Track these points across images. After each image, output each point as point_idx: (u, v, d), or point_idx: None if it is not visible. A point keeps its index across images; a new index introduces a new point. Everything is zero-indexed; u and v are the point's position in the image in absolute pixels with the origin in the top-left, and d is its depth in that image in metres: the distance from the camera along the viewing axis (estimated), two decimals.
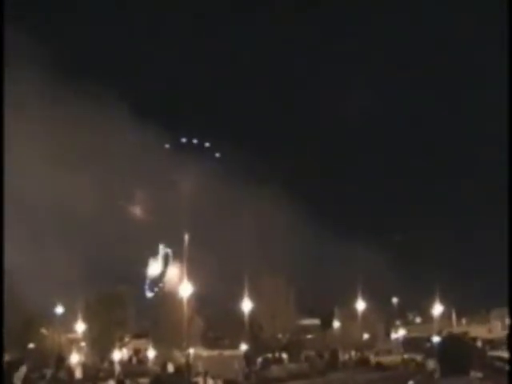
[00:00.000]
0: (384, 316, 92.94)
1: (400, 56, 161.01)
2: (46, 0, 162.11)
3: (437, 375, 6.97)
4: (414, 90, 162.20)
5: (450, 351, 6.04)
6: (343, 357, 79.65)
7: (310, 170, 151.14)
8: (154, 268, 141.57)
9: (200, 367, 58.82)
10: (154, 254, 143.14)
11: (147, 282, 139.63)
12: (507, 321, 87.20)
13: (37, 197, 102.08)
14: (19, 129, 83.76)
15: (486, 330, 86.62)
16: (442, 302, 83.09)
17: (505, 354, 44.01)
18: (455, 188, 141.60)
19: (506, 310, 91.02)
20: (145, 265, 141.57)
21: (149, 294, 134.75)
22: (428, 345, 72.12)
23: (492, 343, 64.41)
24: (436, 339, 70.18)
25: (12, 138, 48.96)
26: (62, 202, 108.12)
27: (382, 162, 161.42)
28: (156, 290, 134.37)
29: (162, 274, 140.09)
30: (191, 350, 66.61)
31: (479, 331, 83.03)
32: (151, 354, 77.44)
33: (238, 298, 71.09)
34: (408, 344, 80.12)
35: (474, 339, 69.20)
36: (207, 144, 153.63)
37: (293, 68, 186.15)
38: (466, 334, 77.35)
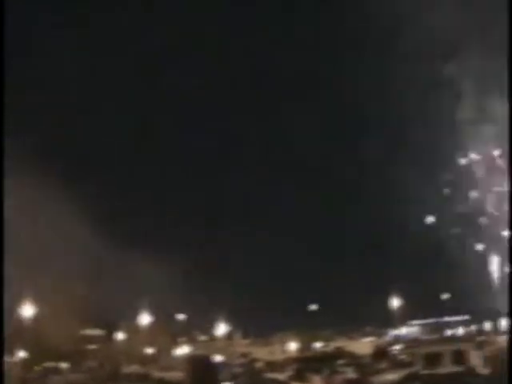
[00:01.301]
0: (169, 332, 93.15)
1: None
2: None
3: None
4: None
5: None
6: (126, 369, 78.80)
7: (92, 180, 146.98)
8: None
9: None
10: None
11: None
12: (289, 345, 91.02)
13: None
14: None
15: (268, 352, 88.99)
16: (230, 322, 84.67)
17: (280, 376, 45.85)
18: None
19: (286, 335, 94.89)
20: None
21: None
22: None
23: (272, 365, 66.22)
24: (218, 358, 71.73)
25: None
26: None
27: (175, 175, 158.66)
28: None
29: None
30: None
31: (261, 353, 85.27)
32: None
33: (18, 303, 68.22)
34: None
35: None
36: None
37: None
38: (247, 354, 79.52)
